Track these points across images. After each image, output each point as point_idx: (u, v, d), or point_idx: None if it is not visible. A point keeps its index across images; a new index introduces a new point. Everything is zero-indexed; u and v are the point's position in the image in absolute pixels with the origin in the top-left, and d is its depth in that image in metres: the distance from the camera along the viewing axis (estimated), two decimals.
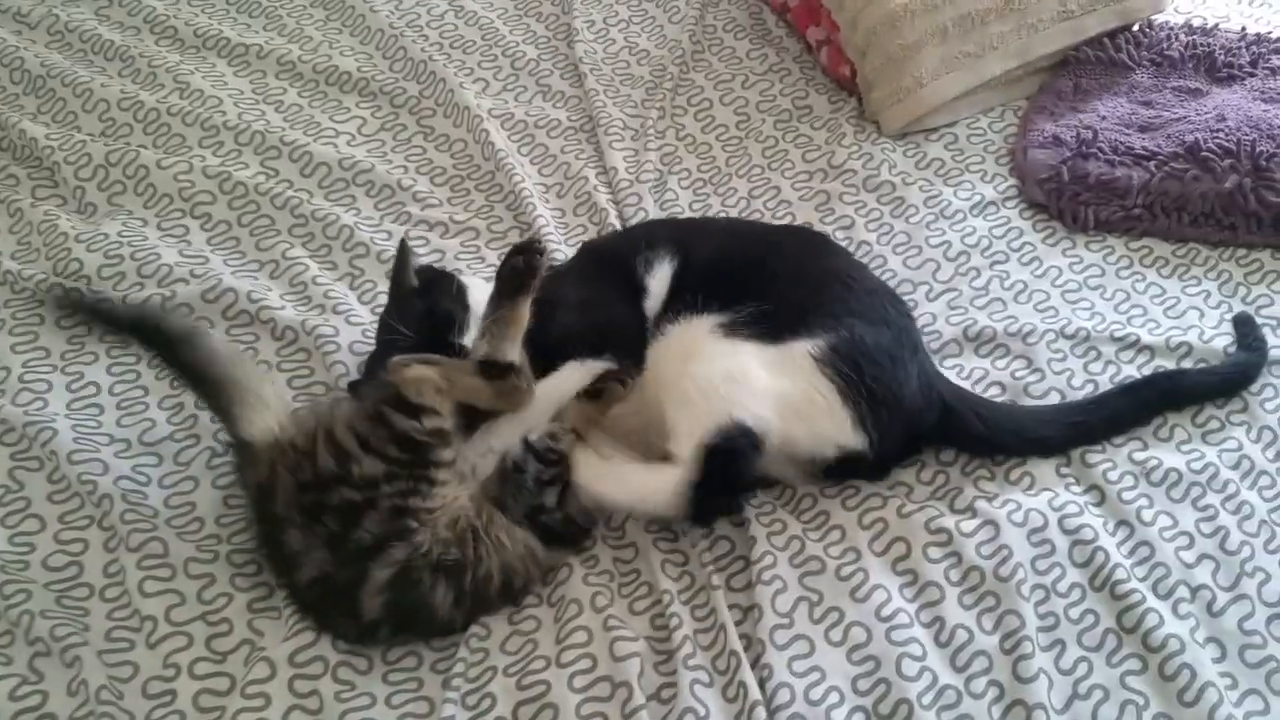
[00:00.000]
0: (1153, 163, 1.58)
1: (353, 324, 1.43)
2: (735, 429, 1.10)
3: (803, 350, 1.15)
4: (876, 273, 1.49)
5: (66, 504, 1.24)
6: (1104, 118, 1.67)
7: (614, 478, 1.14)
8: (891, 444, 1.20)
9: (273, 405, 1.17)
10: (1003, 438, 1.25)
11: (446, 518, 1.12)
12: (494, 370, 1.15)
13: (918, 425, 1.22)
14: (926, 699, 1.06)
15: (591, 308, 1.27)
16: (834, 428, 1.16)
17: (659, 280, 1.28)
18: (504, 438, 1.19)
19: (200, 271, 1.48)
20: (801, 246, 1.35)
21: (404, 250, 1.35)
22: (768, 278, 1.23)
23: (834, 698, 1.06)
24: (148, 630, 1.14)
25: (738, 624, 1.13)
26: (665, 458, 1.16)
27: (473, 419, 1.19)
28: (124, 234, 1.54)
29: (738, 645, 1.10)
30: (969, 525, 1.18)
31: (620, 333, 1.25)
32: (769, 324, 1.16)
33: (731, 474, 1.11)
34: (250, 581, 1.18)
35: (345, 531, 1.09)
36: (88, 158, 1.63)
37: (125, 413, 1.34)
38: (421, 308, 1.28)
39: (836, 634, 1.11)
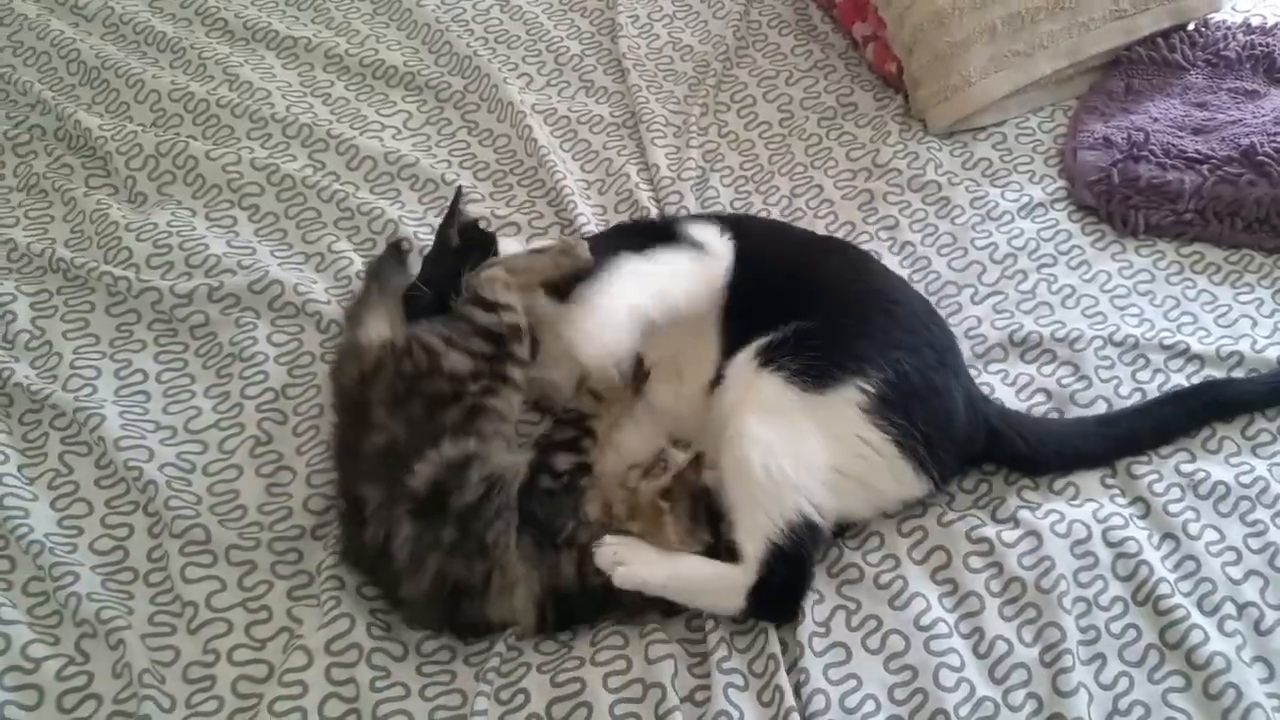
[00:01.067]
0: (1206, 166, 1.54)
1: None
2: (803, 527, 1.09)
3: (850, 402, 1.12)
4: (920, 275, 1.47)
5: (113, 489, 1.27)
6: (1156, 119, 1.64)
7: (673, 576, 1.10)
8: (949, 477, 1.20)
9: (389, 321, 1.29)
10: (1047, 456, 1.23)
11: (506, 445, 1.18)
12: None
13: (968, 452, 1.20)
14: (964, 710, 1.05)
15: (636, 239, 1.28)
16: (897, 484, 1.15)
17: (711, 236, 1.28)
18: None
19: (248, 262, 1.50)
20: (841, 263, 1.32)
21: (456, 201, 1.37)
22: (810, 296, 1.21)
23: (870, 706, 1.05)
24: (189, 616, 1.16)
25: (775, 628, 1.12)
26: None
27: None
28: (173, 223, 1.57)
29: (777, 649, 1.09)
30: (1011, 535, 1.17)
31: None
32: (815, 361, 1.13)
33: (795, 577, 1.11)
34: (291, 569, 1.20)
35: (429, 414, 1.16)
36: (139, 148, 1.66)
37: (171, 400, 1.37)
38: (452, 268, 1.31)
39: (874, 642, 1.10)
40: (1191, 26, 1.78)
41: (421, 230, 1.56)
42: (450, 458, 1.14)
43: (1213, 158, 1.55)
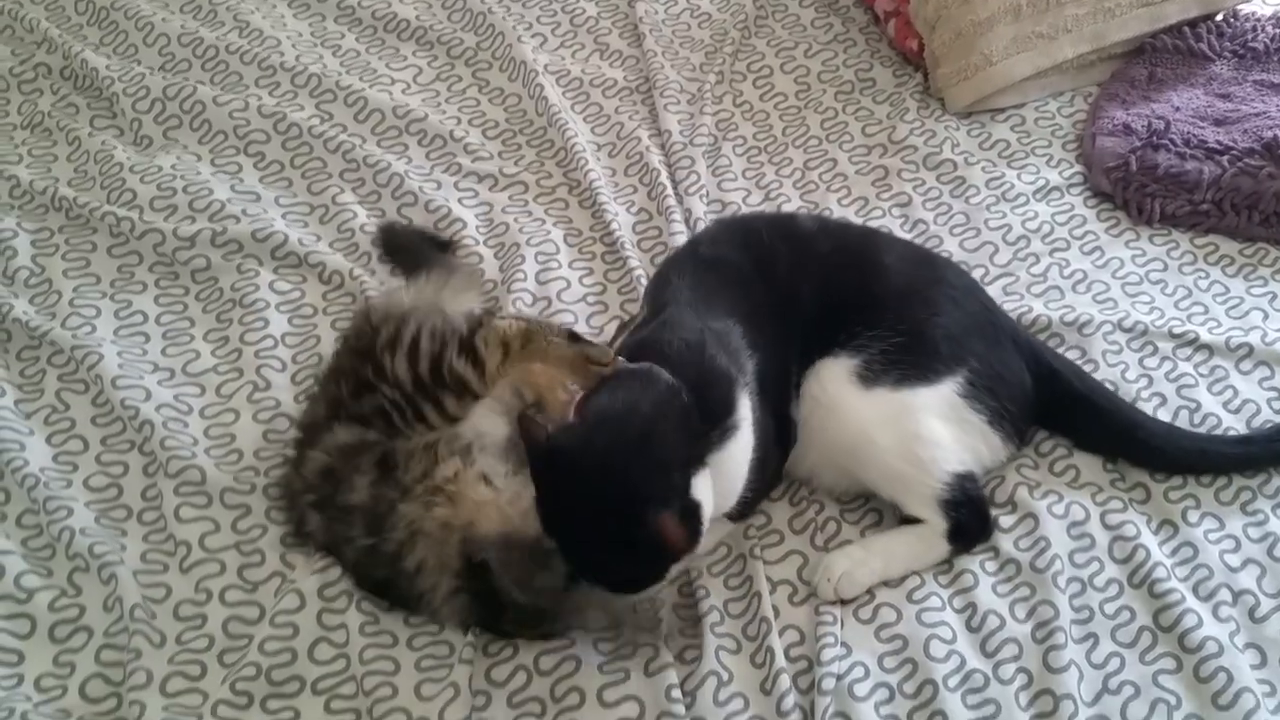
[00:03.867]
0: (1226, 157, 1.52)
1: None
2: (956, 481, 1.15)
3: (950, 392, 1.17)
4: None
5: (109, 427, 1.27)
6: (1178, 109, 1.62)
7: (883, 560, 1.14)
8: (1026, 434, 1.24)
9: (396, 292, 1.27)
10: (1103, 408, 1.24)
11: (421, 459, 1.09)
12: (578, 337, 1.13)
13: (1038, 405, 1.23)
14: (953, 681, 1.04)
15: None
16: (991, 453, 1.20)
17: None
18: None
19: (253, 210, 1.49)
20: (894, 260, 1.28)
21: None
22: (873, 300, 1.21)
23: (859, 672, 1.05)
24: (181, 555, 1.16)
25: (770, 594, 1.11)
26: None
27: None
28: (177, 167, 1.56)
29: (769, 613, 1.09)
30: (1008, 519, 1.17)
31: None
32: (905, 363, 1.17)
33: (977, 509, 1.16)
34: (285, 515, 1.19)
35: (352, 395, 1.14)
36: (146, 90, 1.64)
37: (170, 343, 1.36)
38: None
39: (865, 612, 1.10)
40: (1220, 17, 1.76)
41: (427, 185, 1.55)
42: (342, 442, 1.11)
43: (1233, 149, 1.53)
